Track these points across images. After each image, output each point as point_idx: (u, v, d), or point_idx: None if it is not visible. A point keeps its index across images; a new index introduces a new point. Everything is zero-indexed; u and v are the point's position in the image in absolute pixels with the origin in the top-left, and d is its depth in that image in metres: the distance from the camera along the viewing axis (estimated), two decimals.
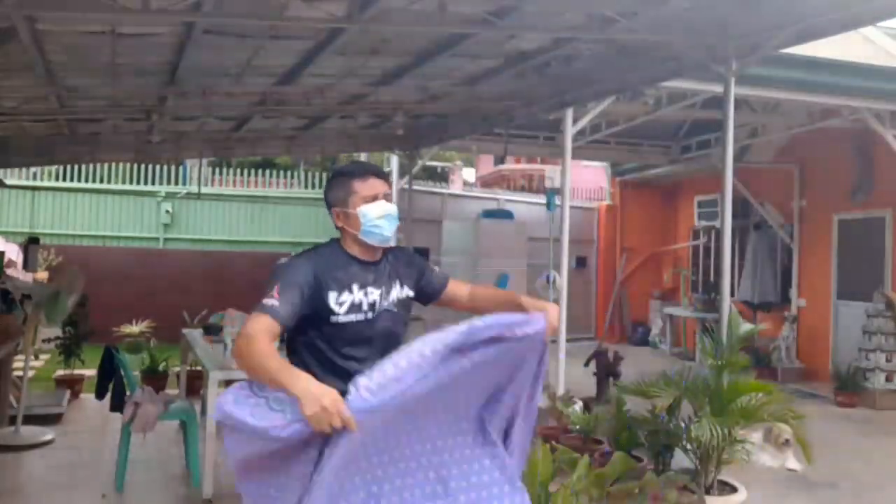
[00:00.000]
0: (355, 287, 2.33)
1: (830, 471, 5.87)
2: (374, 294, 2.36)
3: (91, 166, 13.42)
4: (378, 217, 2.35)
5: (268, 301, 2.19)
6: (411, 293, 2.50)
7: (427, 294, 2.58)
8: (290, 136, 9.21)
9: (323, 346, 2.32)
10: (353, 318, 2.32)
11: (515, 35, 5.08)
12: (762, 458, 5.86)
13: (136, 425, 4.84)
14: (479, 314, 2.19)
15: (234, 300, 6.57)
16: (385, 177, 2.46)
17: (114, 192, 13.38)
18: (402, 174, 11.98)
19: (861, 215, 9.76)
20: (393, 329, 2.42)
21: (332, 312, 2.29)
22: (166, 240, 13.39)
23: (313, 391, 1.96)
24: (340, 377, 2.23)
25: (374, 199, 2.36)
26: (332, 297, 2.29)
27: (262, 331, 2.13)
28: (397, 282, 2.45)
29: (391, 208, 2.38)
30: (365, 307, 2.34)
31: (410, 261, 2.55)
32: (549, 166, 13.33)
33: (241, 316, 6.31)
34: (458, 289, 2.64)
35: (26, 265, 8.00)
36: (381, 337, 2.37)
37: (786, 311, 10.70)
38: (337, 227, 2.43)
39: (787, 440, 5.81)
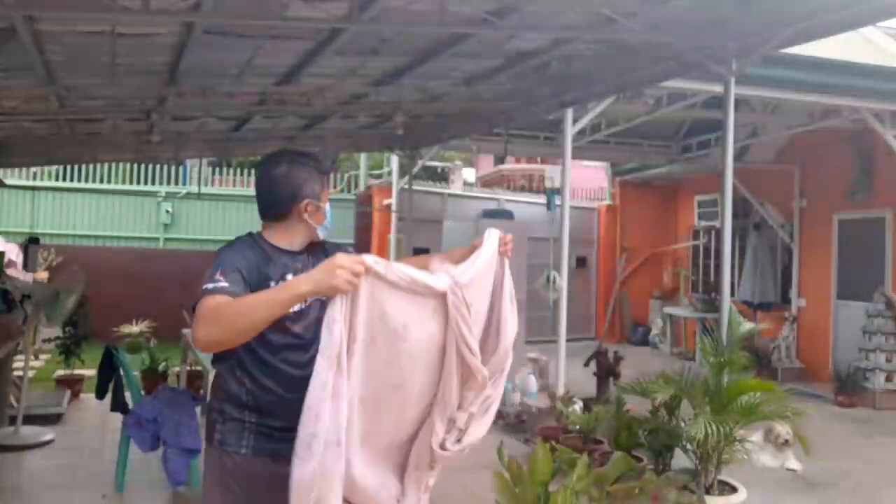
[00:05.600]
0: (289, 277, 2.24)
1: (830, 471, 5.88)
2: None
3: (91, 166, 13.43)
4: (329, 214, 2.41)
5: (213, 284, 2.04)
6: None
7: None
8: (290, 136, 9.21)
9: (256, 343, 2.16)
10: (293, 307, 2.19)
11: (515, 35, 5.09)
12: (762, 458, 5.87)
13: None
14: None
15: None
16: None
17: (114, 192, 13.39)
18: (402, 174, 11.99)
19: (861, 215, 9.76)
20: (322, 316, 2.38)
21: None
22: (166, 240, 13.41)
23: (324, 269, 1.90)
24: (273, 377, 2.18)
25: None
26: (271, 287, 2.19)
27: (220, 302, 1.99)
28: None
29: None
30: None
31: (325, 249, 2.46)
32: (549, 166, 13.32)
33: None
34: None
35: (26, 265, 8.00)
36: (312, 327, 2.28)
37: (786, 311, 10.71)
38: (284, 219, 2.33)
39: (786, 440, 5.82)
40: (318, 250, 2.43)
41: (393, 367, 2.06)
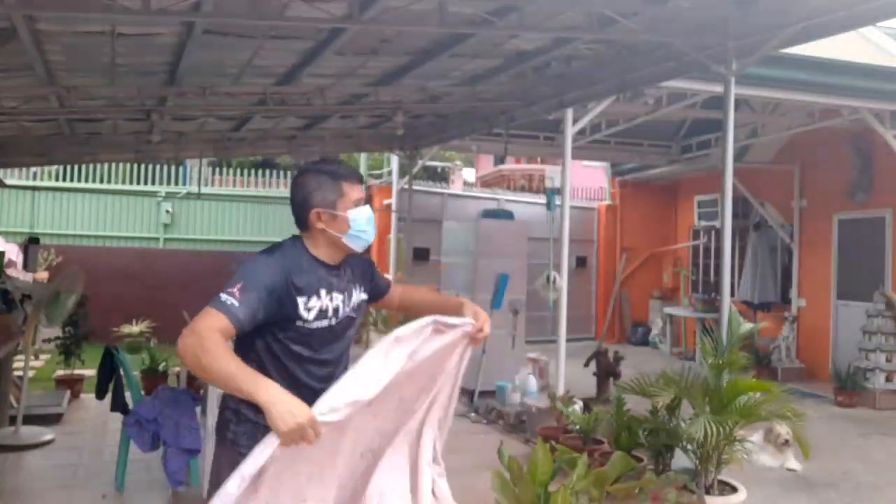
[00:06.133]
0: (323, 292, 2.25)
1: (830, 471, 5.88)
2: (338, 299, 2.30)
3: (91, 166, 13.44)
4: (365, 221, 2.31)
5: (226, 298, 2.06)
6: (365, 296, 2.47)
7: (374, 296, 2.55)
8: (290, 136, 9.21)
9: (280, 351, 2.22)
10: (318, 324, 2.25)
11: (515, 35, 5.09)
12: (762, 458, 5.87)
13: None
14: (410, 315, 2.32)
15: None
16: (363, 182, 2.45)
17: (114, 192, 13.39)
18: (402, 174, 11.98)
19: (861, 215, 9.76)
20: (351, 333, 2.40)
21: (301, 318, 2.20)
22: (166, 240, 13.41)
23: (286, 404, 1.90)
24: (293, 384, 2.17)
25: (360, 203, 2.32)
26: (301, 303, 2.20)
27: (214, 329, 1.99)
28: (356, 286, 2.41)
29: (373, 214, 2.35)
30: (330, 313, 2.27)
31: (363, 264, 2.50)
32: (549, 166, 13.32)
33: None
34: (394, 291, 2.67)
35: (26, 265, 8.02)
36: (339, 342, 2.33)
37: (786, 311, 10.70)
38: (308, 229, 2.32)
39: (786, 440, 5.82)
40: (351, 262, 2.40)
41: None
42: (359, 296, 2.42)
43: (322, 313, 2.25)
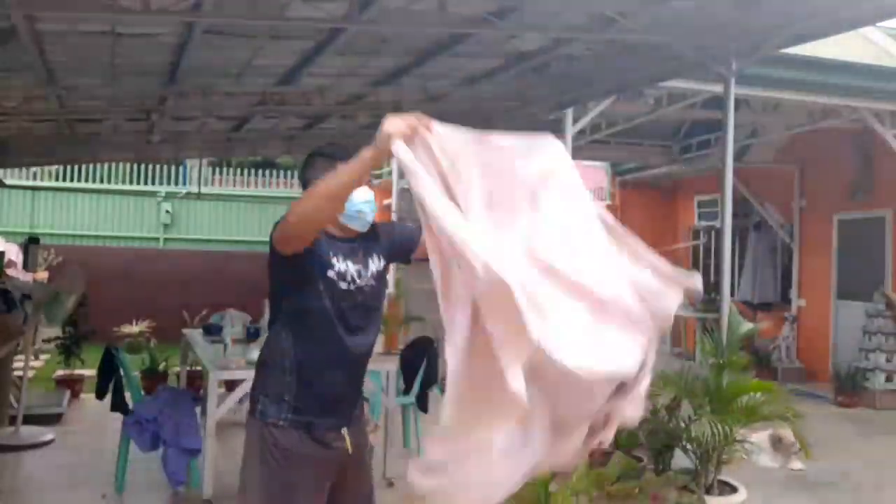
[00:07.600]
0: (340, 257, 2.33)
1: (830, 471, 5.87)
2: (353, 269, 2.36)
3: (91, 166, 13.45)
4: (362, 202, 2.33)
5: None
6: (384, 262, 2.49)
7: (405, 247, 2.53)
8: (290, 136, 9.22)
9: (314, 306, 2.29)
10: (341, 285, 2.32)
11: (515, 35, 5.09)
12: (762, 458, 5.86)
13: None
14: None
15: (234, 300, 6.57)
16: None
17: (114, 192, 13.40)
18: (401, 174, 11.99)
19: (861, 215, 9.76)
20: (373, 303, 2.44)
21: (330, 266, 2.29)
22: (166, 240, 13.42)
23: (377, 139, 1.93)
24: (320, 346, 2.30)
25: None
26: (330, 254, 2.31)
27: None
28: (372, 255, 2.44)
29: (371, 195, 2.37)
30: (349, 277, 2.34)
31: (378, 230, 2.51)
32: None
33: (241, 316, 6.32)
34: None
35: (26, 265, 8.02)
36: (362, 310, 2.38)
37: (786, 311, 10.70)
38: None
39: (795, 447, 5.80)
40: (371, 234, 2.46)
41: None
42: (378, 264, 2.45)
43: (342, 275, 2.32)
